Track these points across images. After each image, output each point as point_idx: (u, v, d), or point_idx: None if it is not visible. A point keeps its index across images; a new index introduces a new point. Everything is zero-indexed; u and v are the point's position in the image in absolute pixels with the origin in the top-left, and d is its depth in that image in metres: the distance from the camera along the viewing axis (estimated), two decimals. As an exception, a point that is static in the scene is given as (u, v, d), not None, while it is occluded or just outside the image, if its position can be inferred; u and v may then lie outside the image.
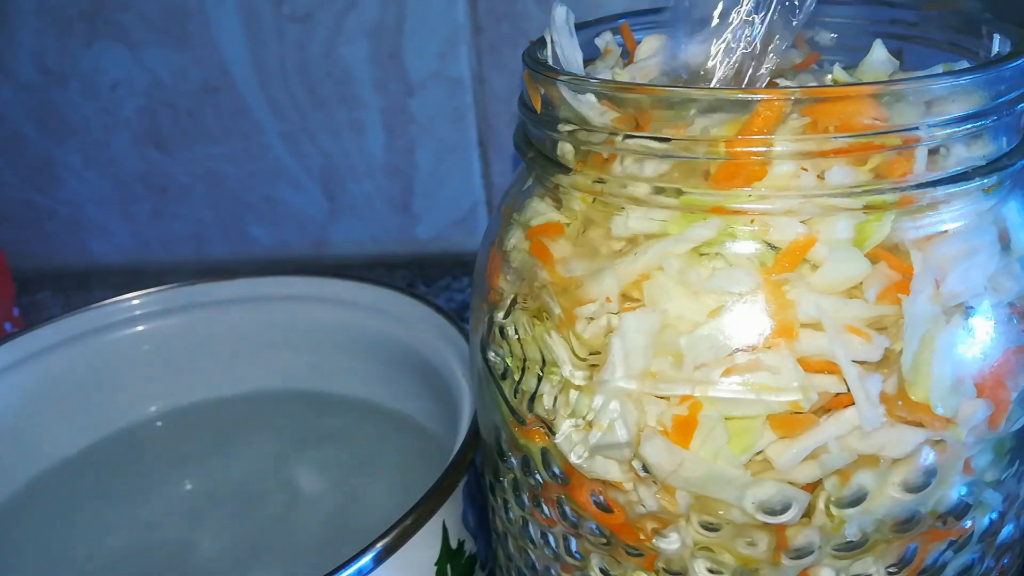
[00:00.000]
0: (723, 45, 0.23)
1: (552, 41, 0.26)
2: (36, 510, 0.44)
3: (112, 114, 0.59)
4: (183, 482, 0.46)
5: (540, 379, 0.24)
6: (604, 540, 0.25)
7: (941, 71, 0.24)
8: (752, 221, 0.21)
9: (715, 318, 0.21)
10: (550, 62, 0.26)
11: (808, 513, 0.22)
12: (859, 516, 0.22)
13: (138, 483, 0.45)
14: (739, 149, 0.21)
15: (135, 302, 0.47)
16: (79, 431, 0.46)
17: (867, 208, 0.21)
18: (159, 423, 0.48)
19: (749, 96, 0.21)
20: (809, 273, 0.21)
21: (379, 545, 0.29)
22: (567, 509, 0.26)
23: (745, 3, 0.23)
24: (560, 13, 0.26)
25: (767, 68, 0.24)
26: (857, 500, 0.22)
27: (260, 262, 0.63)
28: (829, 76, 0.25)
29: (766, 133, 0.20)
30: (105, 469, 0.46)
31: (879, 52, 0.25)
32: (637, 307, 0.22)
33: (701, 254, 0.22)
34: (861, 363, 0.21)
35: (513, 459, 0.27)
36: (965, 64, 0.25)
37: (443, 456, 0.33)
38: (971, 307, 0.22)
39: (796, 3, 0.23)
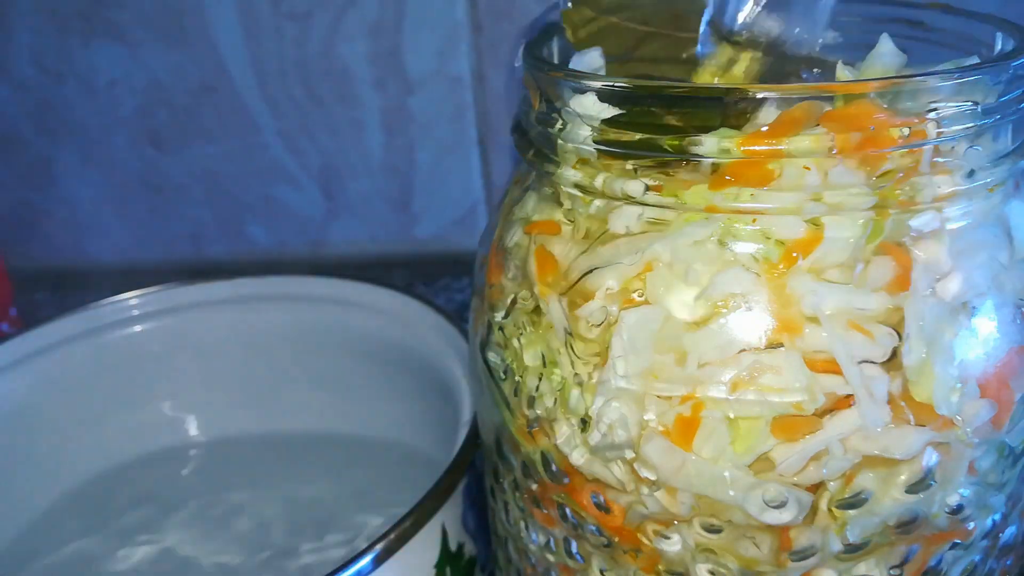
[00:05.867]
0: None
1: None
2: (33, 515, 0.44)
3: (109, 113, 0.59)
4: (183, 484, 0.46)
5: (540, 379, 0.24)
6: (605, 542, 0.25)
7: (946, 68, 0.24)
8: (754, 220, 0.21)
9: (719, 316, 0.21)
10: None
11: (811, 514, 0.22)
12: (862, 517, 0.22)
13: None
14: (754, 148, 0.20)
15: (132, 302, 0.47)
16: (77, 431, 0.46)
17: (871, 207, 0.21)
18: (156, 423, 0.48)
19: (769, 94, 0.20)
20: (812, 272, 0.21)
21: (378, 547, 0.29)
22: (568, 511, 0.26)
23: None
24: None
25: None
26: (860, 501, 0.22)
27: (258, 262, 0.63)
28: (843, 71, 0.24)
29: (793, 134, 0.20)
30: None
31: (886, 46, 0.25)
32: (638, 305, 0.22)
33: (706, 251, 0.22)
34: (870, 363, 0.21)
35: (513, 460, 0.27)
36: (970, 61, 0.25)
37: (442, 458, 0.33)
38: (975, 307, 0.21)
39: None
